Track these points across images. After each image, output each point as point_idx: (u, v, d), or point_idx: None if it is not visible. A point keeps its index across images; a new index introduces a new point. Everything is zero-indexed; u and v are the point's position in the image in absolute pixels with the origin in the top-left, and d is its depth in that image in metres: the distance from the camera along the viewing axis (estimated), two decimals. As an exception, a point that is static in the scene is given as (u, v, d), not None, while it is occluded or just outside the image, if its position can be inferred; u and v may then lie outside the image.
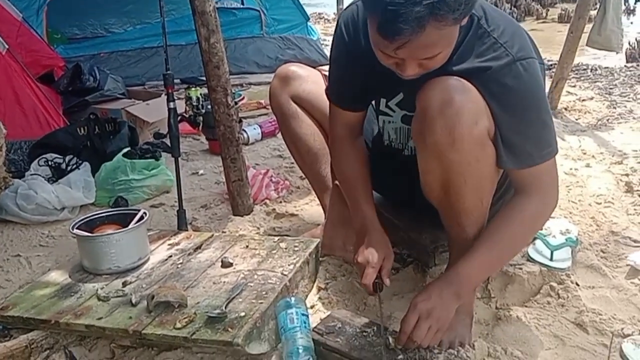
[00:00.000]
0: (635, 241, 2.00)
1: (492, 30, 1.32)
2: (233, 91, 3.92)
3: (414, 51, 1.18)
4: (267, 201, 2.43)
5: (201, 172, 2.91)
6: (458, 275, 1.38)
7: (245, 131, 3.27)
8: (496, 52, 1.31)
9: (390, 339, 1.38)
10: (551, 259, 1.79)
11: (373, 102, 1.64)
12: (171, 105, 2.07)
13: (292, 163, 2.66)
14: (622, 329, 1.54)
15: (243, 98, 4.17)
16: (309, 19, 5.78)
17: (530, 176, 1.37)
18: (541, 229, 1.74)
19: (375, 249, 1.48)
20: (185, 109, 2.71)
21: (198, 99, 2.72)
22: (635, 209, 2.26)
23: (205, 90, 2.35)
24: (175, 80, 4.01)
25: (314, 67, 1.70)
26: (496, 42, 1.31)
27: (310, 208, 2.36)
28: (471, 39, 1.33)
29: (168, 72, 2.07)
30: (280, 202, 2.45)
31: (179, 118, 2.16)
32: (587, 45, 3.98)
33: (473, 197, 1.39)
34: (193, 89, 2.69)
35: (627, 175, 2.58)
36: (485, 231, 1.42)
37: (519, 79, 1.30)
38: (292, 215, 2.31)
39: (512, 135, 1.33)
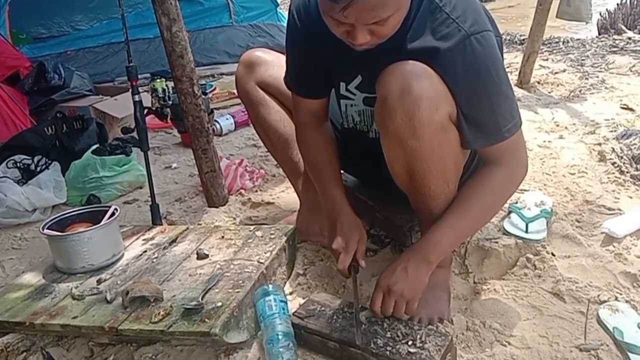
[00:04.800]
0: (609, 209, 2.02)
1: (444, 5, 1.29)
2: (204, 82, 3.89)
3: (361, 13, 1.16)
4: (243, 191, 2.40)
5: (174, 165, 2.88)
6: (426, 242, 1.38)
7: (217, 122, 3.23)
8: (449, 28, 1.28)
9: (364, 319, 1.39)
10: (526, 231, 1.81)
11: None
12: (136, 98, 2.03)
13: (267, 151, 2.63)
14: (599, 295, 1.56)
15: (215, 88, 4.13)
16: (278, 5, 5.73)
17: (498, 150, 1.36)
18: (511, 198, 1.73)
19: (347, 233, 1.47)
20: (152, 101, 2.67)
21: (164, 90, 2.68)
22: (608, 177, 2.28)
23: (171, 82, 2.32)
24: (145, 74, 3.99)
25: (282, 52, 1.66)
26: (448, 18, 1.28)
27: (287, 196, 2.34)
28: (423, 14, 1.30)
29: (131, 64, 2.02)
30: (256, 191, 2.43)
31: (146, 111, 2.12)
32: (556, 17, 3.99)
33: (438, 181, 1.38)
34: (158, 80, 2.65)
35: (599, 144, 2.59)
36: (456, 199, 1.41)
37: (475, 55, 1.27)
38: (269, 203, 2.29)
39: (475, 113, 1.31)
